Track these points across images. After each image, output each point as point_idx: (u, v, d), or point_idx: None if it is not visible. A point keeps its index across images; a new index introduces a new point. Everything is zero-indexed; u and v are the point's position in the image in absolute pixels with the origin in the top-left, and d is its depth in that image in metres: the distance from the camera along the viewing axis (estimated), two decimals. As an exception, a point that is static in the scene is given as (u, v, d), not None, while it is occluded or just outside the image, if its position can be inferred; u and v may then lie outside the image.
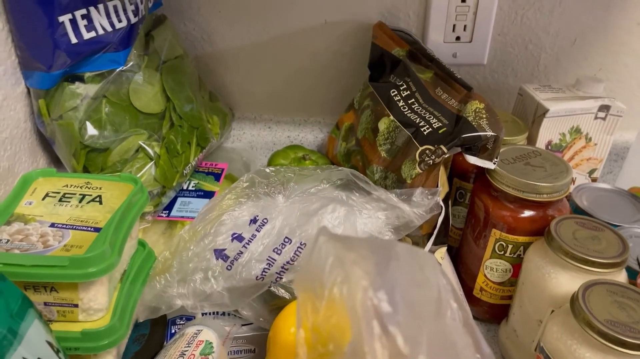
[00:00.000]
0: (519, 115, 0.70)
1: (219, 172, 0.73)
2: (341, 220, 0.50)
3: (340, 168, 0.56)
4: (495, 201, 0.58)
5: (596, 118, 0.67)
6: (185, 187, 0.69)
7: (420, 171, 0.57)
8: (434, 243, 0.61)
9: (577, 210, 0.61)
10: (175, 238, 0.51)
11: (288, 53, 0.78)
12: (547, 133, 0.66)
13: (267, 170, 0.55)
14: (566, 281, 0.50)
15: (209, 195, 0.68)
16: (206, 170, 0.73)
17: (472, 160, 0.57)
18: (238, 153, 0.79)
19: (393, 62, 0.68)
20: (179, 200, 0.67)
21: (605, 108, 0.66)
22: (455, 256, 0.67)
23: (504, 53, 0.78)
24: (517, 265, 0.58)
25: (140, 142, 0.61)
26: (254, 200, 0.52)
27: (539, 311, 0.53)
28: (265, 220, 0.51)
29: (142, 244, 0.53)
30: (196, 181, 0.71)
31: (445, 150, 0.56)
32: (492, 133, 0.55)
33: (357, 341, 0.30)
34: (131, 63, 0.61)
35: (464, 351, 0.32)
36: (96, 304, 0.44)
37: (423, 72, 0.66)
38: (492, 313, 0.63)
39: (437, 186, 0.57)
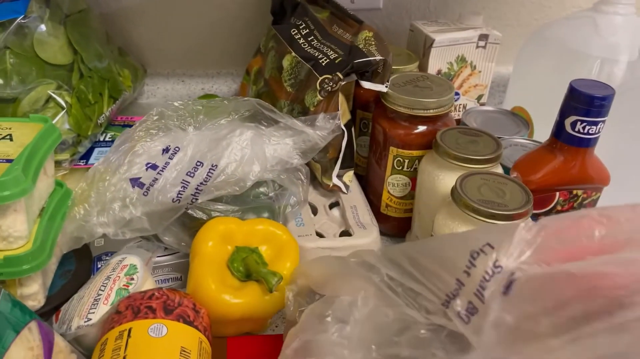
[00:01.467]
0: (412, 49, 0.76)
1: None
2: (249, 142, 0.55)
3: (246, 98, 0.60)
4: (390, 122, 0.64)
5: (477, 47, 0.74)
6: (102, 139, 0.71)
7: (321, 98, 0.62)
8: (342, 167, 0.67)
9: (466, 128, 0.68)
10: (90, 171, 0.53)
11: (194, 6, 0.81)
12: (436, 62, 0.73)
13: (176, 104, 0.58)
14: (452, 180, 0.57)
15: (125, 144, 0.70)
16: (122, 123, 0.75)
17: (367, 85, 0.63)
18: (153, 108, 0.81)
19: (293, 5, 0.73)
20: (96, 149, 0.69)
21: (484, 37, 0.74)
22: (364, 182, 0.73)
23: (397, -4, 0.84)
24: (414, 178, 0.65)
25: (50, 92, 0.62)
26: (164, 132, 0.55)
27: (433, 213, 0.60)
28: (177, 149, 0.54)
29: (59, 184, 0.55)
30: (112, 133, 0.72)
31: (341, 76, 0.61)
32: (381, 57, 0.60)
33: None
34: (33, 15, 0.62)
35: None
36: (15, 232, 0.46)
37: (320, 12, 0.71)
38: (399, 227, 0.70)
39: (338, 111, 0.63)
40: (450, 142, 0.58)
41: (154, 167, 0.54)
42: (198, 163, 0.53)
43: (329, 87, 0.62)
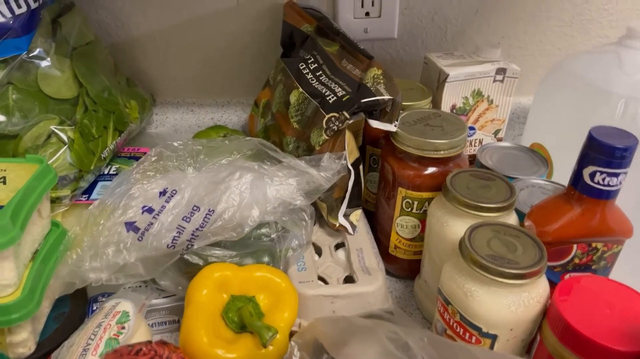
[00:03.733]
0: (425, 83, 0.74)
1: (141, 156, 0.74)
2: (248, 186, 0.53)
3: (248, 138, 0.58)
4: (400, 162, 0.61)
5: (495, 81, 0.71)
6: (106, 172, 0.70)
7: (327, 137, 0.60)
8: (349, 206, 0.64)
9: (481, 167, 0.65)
10: (85, 214, 0.52)
11: (205, 35, 0.80)
12: (451, 97, 0.70)
13: (175, 143, 0.57)
14: (462, 228, 0.54)
15: (130, 177, 0.69)
16: (129, 155, 0.74)
17: (375, 124, 0.60)
18: (162, 138, 0.81)
19: (302, 37, 0.71)
20: (100, 184, 0.68)
21: (502, 71, 0.71)
22: (373, 219, 0.70)
23: (412, 26, 0.82)
24: (424, 220, 0.62)
25: (52, 127, 0.61)
26: (162, 173, 0.54)
27: (443, 260, 0.57)
28: (174, 191, 0.53)
29: (55, 224, 0.54)
30: (117, 166, 0.71)
31: (348, 116, 0.59)
32: (389, 97, 0.58)
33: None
34: (38, 49, 0.61)
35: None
36: (3, 280, 0.45)
37: (330, 46, 0.69)
38: (409, 269, 0.67)
39: (344, 150, 0.60)
40: (460, 187, 0.55)
41: (150, 210, 0.52)
42: (195, 208, 0.51)
43: (335, 126, 0.59)
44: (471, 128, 0.75)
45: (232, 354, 0.47)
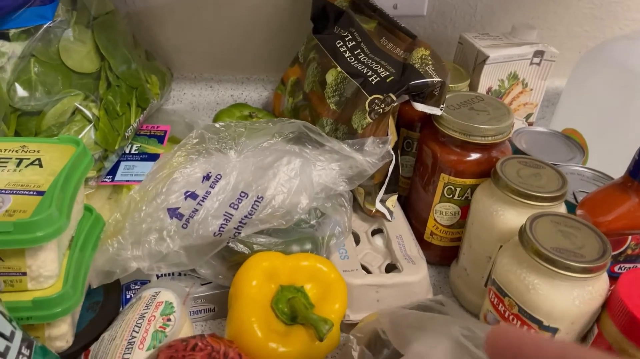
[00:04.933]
0: (460, 64, 0.71)
1: (162, 134, 0.70)
2: (297, 172, 0.50)
3: (292, 120, 0.55)
4: (442, 147, 0.60)
5: (531, 63, 0.69)
6: (127, 151, 0.66)
7: (371, 120, 0.57)
8: (386, 192, 0.62)
9: (517, 152, 0.63)
10: (126, 199, 0.49)
11: (226, 8, 0.76)
12: (488, 79, 0.69)
13: (217, 125, 0.54)
14: (513, 217, 0.53)
15: (153, 157, 0.66)
16: (148, 133, 0.71)
17: (420, 107, 0.58)
18: (180, 115, 0.77)
19: (336, 13, 0.68)
20: (122, 164, 0.64)
21: (539, 53, 0.69)
22: (405, 204, 0.68)
23: (442, 4, 0.79)
24: (465, 207, 0.60)
25: (77, 104, 0.57)
26: (205, 156, 0.51)
27: (487, 248, 0.56)
28: (218, 176, 0.50)
29: (88, 209, 0.51)
30: (139, 145, 0.68)
31: (394, 98, 0.56)
32: (439, 79, 0.56)
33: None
34: (59, 19, 0.57)
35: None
36: (46, 271, 0.42)
37: (367, 22, 0.66)
38: (442, 256, 0.66)
39: (387, 135, 0.58)
40: (511, 175, 0.54)
41: (193, 195, 0.49)
42: (242, 194, 0.49)
43: (380, 109, 0.57)
44: (504, 111, 0.73)
45: (286, 348, 0.45)
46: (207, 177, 0.50)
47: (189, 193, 0.49)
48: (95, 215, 0.51)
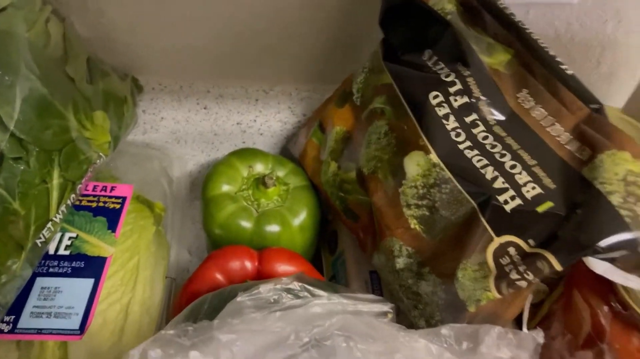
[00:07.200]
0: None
1: (118, 207, 0.42)
2: None
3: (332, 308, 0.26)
4: (617, 321, 0.31)
5: None
6: (54, 249, 0.39)
7: (498, 296, 0.28)
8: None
9: None
10: None
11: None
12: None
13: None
14: None
15: (93, 265, 0.38)
16: (94, 203, 0.42)
17: (602, 270, 0.28)
18: (155, 153, 0.48)
19: (432, 23, 0.35)
20: (37, 282, 0.37)
21: None
22: None
23: (606, -14, 0.45)
24: None
25: None
26: None
27: None
28: None
29: None
30: (74, 234, 0.40)
31: (556, 264, 0.27)
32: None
33: None
34: None
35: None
36: None
37: (492, 51, 0.34)
38: None
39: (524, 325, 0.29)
40: None
41: None
42: None
43: (520, 279, 0.27)
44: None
45: None
46: None
47: None
48: None
